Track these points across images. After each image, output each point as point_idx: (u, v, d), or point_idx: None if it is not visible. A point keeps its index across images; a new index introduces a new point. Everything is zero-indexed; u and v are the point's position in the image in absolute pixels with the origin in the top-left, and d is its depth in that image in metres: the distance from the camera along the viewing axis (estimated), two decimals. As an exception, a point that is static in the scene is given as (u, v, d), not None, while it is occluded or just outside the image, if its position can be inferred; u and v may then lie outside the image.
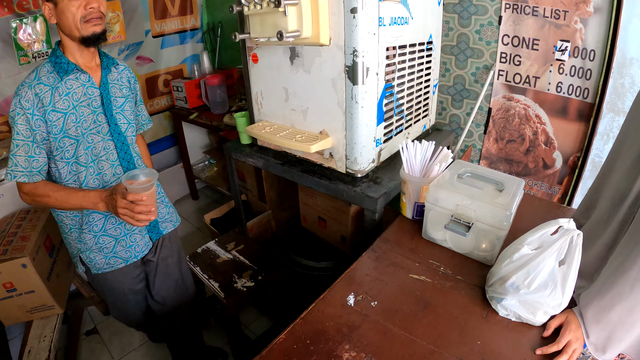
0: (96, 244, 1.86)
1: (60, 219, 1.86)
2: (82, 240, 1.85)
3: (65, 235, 1.91)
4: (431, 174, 1.69)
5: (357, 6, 1.57)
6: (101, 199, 1.65)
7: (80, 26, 1.60)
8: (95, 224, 1.84)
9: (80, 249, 1.87)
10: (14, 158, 1.63)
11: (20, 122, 1.60)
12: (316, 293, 1.43)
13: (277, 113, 2.09)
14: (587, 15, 2.22)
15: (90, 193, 1.68)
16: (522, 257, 1.26)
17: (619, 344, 1.18)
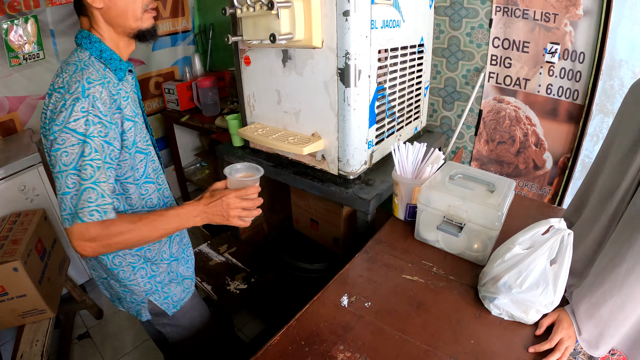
0: (169, 273, 1.61)
1: (117, 263, 1.46)
2: (154, 274, 1.56)
3: (126, 281, 1.51)
4: (423, 175, 1.70)
5: (350, 9, 1.57)
6: (201, 210, 1.38)
7: (140, 16, 1.33)
8: (163, 249, 1.58)
9: (150, 289, 1.56)
10: (90, 190, 1.18)
11: (96, 134, 1.20)
12: (310, 295, 1.44)
13: (269, 115, 2.09)
14: (577, 18, 2.25)
15: (181, 210, 1.36)
16: (514, 257, 1.28)
17: (611, 339, 1.20)
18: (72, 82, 1.20)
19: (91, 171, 1.19)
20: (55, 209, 2.80)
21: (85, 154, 1.18)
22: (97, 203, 1.19)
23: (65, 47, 3.22)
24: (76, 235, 1.18)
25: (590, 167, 1.49)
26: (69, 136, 1.17)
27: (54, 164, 1.19)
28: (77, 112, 1.17)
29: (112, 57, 1.34)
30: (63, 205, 1.18)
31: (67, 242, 2.88)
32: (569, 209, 1.60)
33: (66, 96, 1.18)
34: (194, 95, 3.64)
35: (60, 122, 1.16)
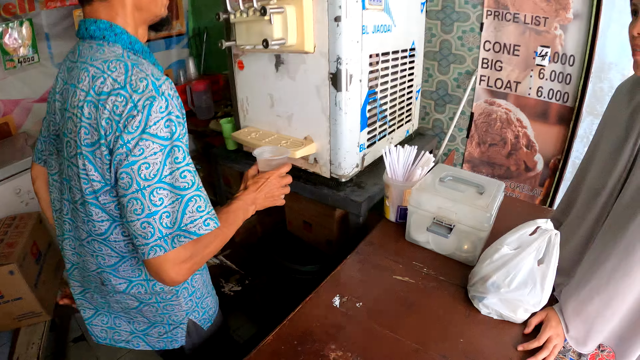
0: (204, 283, 1.48)
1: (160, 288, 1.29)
2: (194, 290, 1.40)
3: (168, 301, 1.34)
4: (413, 178, 1.72)
5: (341, 15, 1.59)
6: (254, 197, 1.33)
7: (167, 3, 1.22)
8: None
9: (191, 307, 1.41)
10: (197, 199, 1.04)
11: (182, 135, 1.04)
12: (302, 295, 1.45)
13: (262, 119, 2.11)
14: (567, 21, 2.27)
15: (239, 202, 1.29)
16: (502, 257, 1.30)
17: (598, 336, 1.22)
18: (134, 81, 0.98)
19: (191, 177, 1.03)
20: (50, 212, 2.80)
21: (179, 159, 1.01)
22: (207, 211, 1.05)
23: (60, 51, 3.22)
24: (172, 261, 1.01)
25: (578, 167, 1.52)
26: (149, 143, 0.97)
27: (126, 184, 0.98)
28: (156, 113, 0.97)
29: (143, 49, 1.17)
30: (151, 230, 0.98)
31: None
32: (557, 209, 1.63)
33: (134, 97, 0.97)
34: (188, 99, 3.64)
35: (136, 129, 0.96)
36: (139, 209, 0.97)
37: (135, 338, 1.43)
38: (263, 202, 1.36)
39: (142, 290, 1.26)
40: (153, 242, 0.98)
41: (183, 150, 1.02)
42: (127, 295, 1.27)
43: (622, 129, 1.23)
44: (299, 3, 1.63)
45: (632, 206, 1.14)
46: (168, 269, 1.01)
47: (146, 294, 1.28)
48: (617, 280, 1.15)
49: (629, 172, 1.20)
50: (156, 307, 1.33)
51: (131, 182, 0.97)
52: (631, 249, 1.11)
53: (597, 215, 1.29)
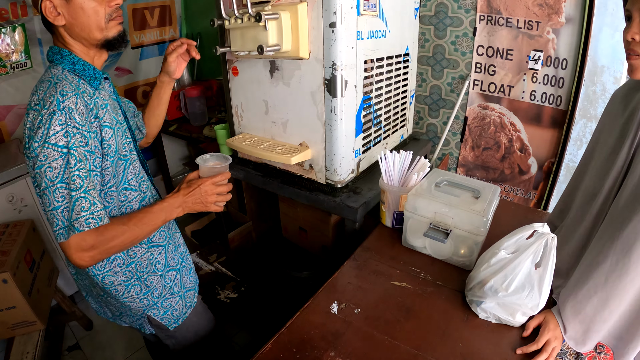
0: (165, 285, 1.60)
1: (108, 282, 1.45)
2: (149, 290, 1.55)
3: (121, 298, 1.50)
4: (409, 183, 1.72)
5: (336, 21, 1.60)
6: (182, 200, 1.42)
7: (105, 25, 1.32)
8: (157, 260, 1.57)
9: (148, 304, 1.56)
10: (82, 200, 1.19)
11: (77, 145, 1.20)
12: (299, 302, 1.45)
13: (257, 125, 2.10)
14: (559, 25, 2.29)
15: (163, 203, 1.40)
16: (500, 261, 1.30)
17: (596, 335, 1.23)
18: (46, 98, 1.20)
19: (79, 181, 1.19)
20: (43, 219, 2.79)
21: (71, 165, 1.18)
22: (91, 211, 1.20)
23: (53, 57, 3.21)
24: (74, 248, 1.19)
25: (574, 171, 1.53)
26: (50, 151, 1.16)
27: (39, 182, 1.18)
28: (55, 126, 1.17)
29: (85, 68, 1.34)
30: (55, 220, 1.18)
31: (57, 253, 2.87)
32: (553, 213, 1.63)
33: (42, 112, 1.18)
34: (182, 105, 3.63)
35: (40, 138, 1.16)
36: (47, 203, 1.19)
37: (116, 318, 1.67)
38: (193, 207, 1.45)
39: (97, 282, 1.44)
40: (58, 230, 1.19)
41: (75, 158, 1.19)
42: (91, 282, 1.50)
43: (618, 133, 1.24)
44: (294, 9, 1.63)
45: (628, 208, 1.14)
46: (72, 253, 1.20)
47: (101, 286, 1.47)
48: (614, 280, 1.15)
49: (624, 175, 1.21)
50: (115, 299, 1.51)
51: (41, 181, 1.18)
52: (627, 249, 1.12)
53: (593, 218, 1.30)
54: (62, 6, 1.24)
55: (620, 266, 1.14)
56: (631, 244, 1.12)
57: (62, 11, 1.25)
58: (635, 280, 1.14)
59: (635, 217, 1.11)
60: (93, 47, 1.35)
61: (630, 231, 1.12)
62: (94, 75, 1.36)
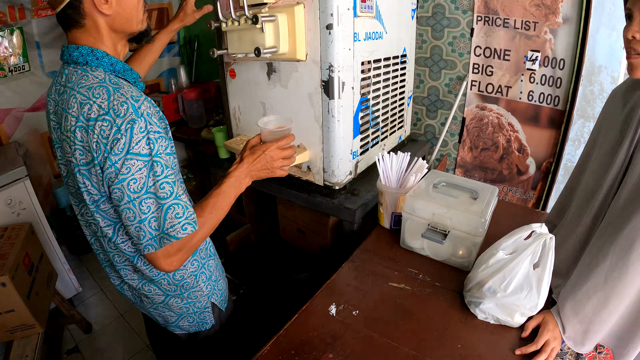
0: (216, 266, 1.61)
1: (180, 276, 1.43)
2: (211, 274, 1.55)
3: (191, 291, 1.49)
4: (407, 184, 1.72)
5: (333, 23, 1.60)
6: (247, 170, 1.40)
7: (143, 17, 1.28)
8: (210, 244, 1.60)
9: (211, 290, 1.56)
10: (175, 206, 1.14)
11: (161, 151, 1.14)
12: (298, 304, 1.45)
13: (255, 127, 2.10)
14: (557, 25, 2.29)
15: (231, 179, 1.37)
16: (498, 262, 1.30)
17: (596, 335, 1.23)
18: (116, 105, 1.08)
19: (169, 188, 1.14)
20: (42, 222, 2.78)
21: (157, 173, 1.12)
22: (185, 216, 1.16)
23: (51, 59, 3.22)
24: (163, 256, 1.17)
25: (572, 171, 1.53)
26: (134, 162, 1.09)
27: (118, 197, 1.11)
28: (137, 134, 1.09)
29: (124, 69, 1.26)
30: (142, 233, 1.13)
31: (55, 256, 2.87)
32: (551, 213, 1.64)
33: (117, 121, 1.07)
34: (180, 107, 3.64)
35: (121, 150, 1.08)
36: (131, 216, 1.12)
37: (169, 325, 1.57)
38: (259, 174, 1.43)
39: (165, 282, 1.42)
40: (146, 242, 1.14)
41: (161, 165, 1.13)
42: (153, 286, 1.43)
43: (617, 132, 1.24)
44: (291, 11, 1.63)
45: (627, 208, 1.14)
46: (161, 262, 1.17)
47: (169, 285, 1.43)
48: (613, 280, 1.15)
49: (624, 174, 1.20)
50: (181, 297, 1.47)
51: (122, 195, 1.10)
52: (627, 249, 1.12)
53: (593, 217, 1.30)
54: None
55: (620, 266, 1.14)
56: (630, 244, 1.11)
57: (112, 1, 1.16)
58: (635, 280, 1.14)
59: (635, 217, 1.11)
60: (121, 40, 1.28)
61: (629, 231, 1.12)
62: (133, 76, 1.29)
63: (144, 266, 1.36)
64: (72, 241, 3.68)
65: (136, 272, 1.40)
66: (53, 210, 3.53)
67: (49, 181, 3.53)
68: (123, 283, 1.48)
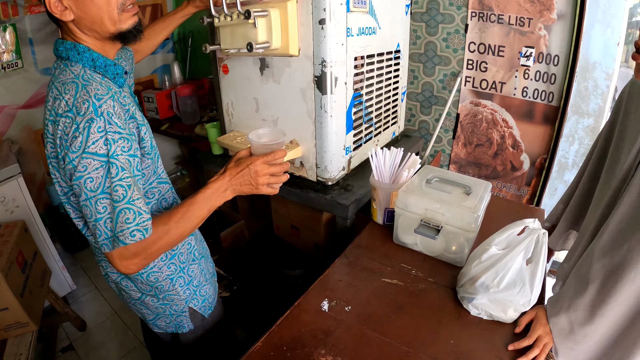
0: (201, 272, 1.58)
1: (154, 279, 1.42)
2: (191, 279, 1.53)
3: (166, 293, 1.48)
4: (400, 180, 1.72)
5: (326, 17, 1.59)
6: (228, 183, 1.33)
7: (119, 17, 1.21)
8: (195, 248, 1.56)
9: (190, 295, 1.54)
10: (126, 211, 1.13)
11: (119, 152, 1.13)
12: (291, 300, 1.44)
13: (248, 123, 2.10)
14: (551, 22, 2.29)
15: (208, 191, 1.30)
16: (491, 258, 1.30)
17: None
18: (79, 103, 1.09)
19: (122, 191, 1.12)
20: (35, 219, 2.78)
21: (112, 175, 1.11)
22: (136, 222, 1.14)
23: (45, 56, 3.21)
24: (118, 258, 1.15)
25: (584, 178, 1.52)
26: (90, 161, 1.08)
27: (78, 193, 1.11)
28: (95, 134, 1.08)
29: (106, 64, 1.24)
30: (98, 231, 1.13)
31: (49, 254, 2.86)
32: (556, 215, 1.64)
33: (77, 119, 1.08)
34: (174, 104, 3.63)
35: (78, 148, 1.08)
36: (89, 213, 1.13)
37: (147, 323, 1.61)
38: (241, 189, 1.35)
39: (138, 281, 1.42)
40: (102, 241, 1.14)
41: (117, 166, 1.12)
42: (130, 282, 1.45)
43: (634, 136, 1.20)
44: (283, 6, 1.62)
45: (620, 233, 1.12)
46: (117, 263, 1.16)
47: (143, 284, 1.44)
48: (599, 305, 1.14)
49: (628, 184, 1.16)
50: (157, 297, 1.48)
51: (81, 192, 1.11)
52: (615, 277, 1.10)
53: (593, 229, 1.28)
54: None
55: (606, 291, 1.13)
56: (619, 273, 1.10)
57: (69, 4, 1.14)
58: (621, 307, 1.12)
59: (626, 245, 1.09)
60: (107, 40, 1.25)
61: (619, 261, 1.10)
62: (116, 72, 1.27)
63: None
64: (66, 239, 3.67)
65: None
66: (47, 208, 3.51)
67: (42, 179, 3.52)
68: (107, 275, 1.49)
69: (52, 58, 1.27)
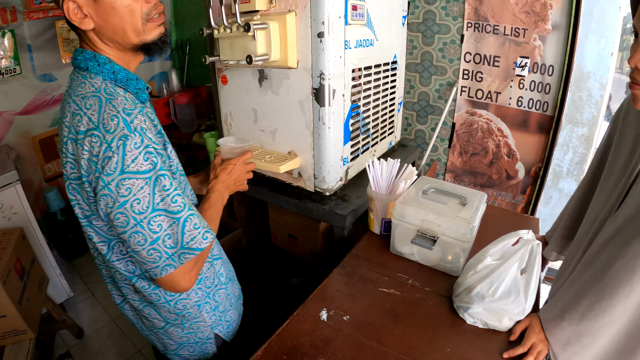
0: (227, 296, 1.51)
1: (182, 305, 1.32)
2: (217, 305, 1.45)
3: (193, 321, 1.39)
4: (397, 190, 1.74)
5: (324, 31, 1.61)
6: (225, 184, 1.41)
7: (143, 27, 1.11)
8: (220, 272, 1.48)
9: (216, 321, 1.46)
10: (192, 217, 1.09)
11: (162, 166, 1.05)
12: (289, 309, 1.46)
13: (246, 134, 2.11)
14: (546, 32, 2.32)
15: (216, 193, 1.37)
16: (486, 268, 1.32)
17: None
18: (106, 120, 0.98)
19: (181, 200, 1.07)
20: (33, 226, 2.78)
21: (166, 187, 1.04)
22: (203, 225, 1.12)
23: (43, 62, 3.21)
24: (182, 273, 1.10)
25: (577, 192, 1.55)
26: (133, 181, 0.99)
27: (124, 222, 1.01)
28: (132, 151, 0.98)
29: (128, 78, 1.15)
30: (158, 254, 1.05)
31: (46, 261, 2.87)
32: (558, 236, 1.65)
33: (107, 137, 0.97)
34: (171, 112, 3.63)
35: (114, 170, 0.98)
36: (141, 240, 1.02)
37: (168, 352, 1.49)
38: (233, 187, 1.47)
39: (164, 309, 1.32)
40: (163, 263, 1.06)
41: (168, 177, 1.05)
42: (154, 310, 1.34)
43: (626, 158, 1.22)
44: (283, 19, 1.64)
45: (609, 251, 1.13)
46: (180, 280, 1.10)
47: (169, 313, 1.34)
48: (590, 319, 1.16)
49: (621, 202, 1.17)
50: (181, 327, 1.39)
51: (128, 219, 1.01)
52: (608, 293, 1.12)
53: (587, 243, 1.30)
54: (88, 6, 1.03)
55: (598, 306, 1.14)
56: (610, 290, 1.11)
57: (89, 12, 1.04)
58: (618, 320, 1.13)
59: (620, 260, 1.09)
60: (129, 52, 1.16)
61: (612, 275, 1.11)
62: (138, 87, 1.18)
63: (142, 288, 1.26)
64: (63, 245, 3.67)
65: (137, 293, 1.31)
66: (44, 214, 3.52)
67: (39, 185, 3.53)
68: (125, 302, 1.41)
69: (50, 64, 1.21)
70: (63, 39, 3.20)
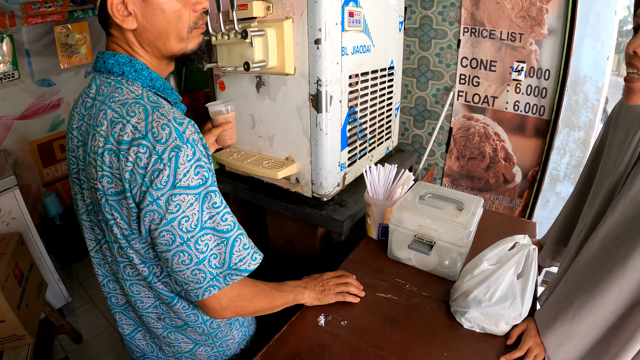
0: None
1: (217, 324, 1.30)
2: (244, 322, 1.44)
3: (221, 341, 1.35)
4: (394, 196, 1.75)
5: (321, 37, 1.62)
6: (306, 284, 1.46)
7: (187, 35, 1.05)
8: None
9: (242, 337, 1.44)
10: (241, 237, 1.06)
11: (213, 181, 1.00)
12: (287, 314, 1.46)
13: (244, 139, 2.12)
14: (542, 37, 2.34)
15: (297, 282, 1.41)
16: (483, 272, 1.33)
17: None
18: (156, 128, 0.90)
19: (231, 219, 1.02)
20: (31, 231, 2.79)
21: (217, 204, 0.99)
22: (250, 245, 1.07)
23: (41, 67, 3.22)
24: (224, 297, 1.06)
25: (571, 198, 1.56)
26: (183, 197, 0.93)
27: (169, 240, 0.95)
28: (184, 164, 0.92)
29: (165, 87, 1.08)
30: (202, 275, 0.99)
31: (44, 266, 2.87)
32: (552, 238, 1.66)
33: (158, 148, 0.89)
34: (170, 117, 3.62)
35: (165, 184, 0.91)
36: (186, 259, 0.97)
37: None
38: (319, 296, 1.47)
39: (199, 329, 1.27)
40: (207, 284, 1.01)
41: (218, 194, 0.99)
42: (181, 335, 1.28)
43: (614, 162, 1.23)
44: (280, 26, 1.65)
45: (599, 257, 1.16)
46: (222, 303, 1.05)
47: (202, 334, 1.29)
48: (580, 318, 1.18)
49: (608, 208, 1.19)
50: (212, 346, 1.34)
51: (174, 237, 0.95)
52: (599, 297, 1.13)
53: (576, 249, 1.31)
54: (135, 4, 0.96)
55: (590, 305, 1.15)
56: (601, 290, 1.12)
57: (135, 11, 0.97)
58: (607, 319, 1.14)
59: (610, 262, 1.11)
60: (164, 59, 1.09)
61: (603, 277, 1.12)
62: (174, 97, 1.13)
63: (183, 309, 1.20)
64: (61, 251, 3.67)
65: (160, 320, 1.24)
66: (42, 219, 3.52)
67: (38, 190, 3.53)
68: (137, 331, 1.34)
69: (49, 69, 1.11)
70: (61, 44, 3.20)
